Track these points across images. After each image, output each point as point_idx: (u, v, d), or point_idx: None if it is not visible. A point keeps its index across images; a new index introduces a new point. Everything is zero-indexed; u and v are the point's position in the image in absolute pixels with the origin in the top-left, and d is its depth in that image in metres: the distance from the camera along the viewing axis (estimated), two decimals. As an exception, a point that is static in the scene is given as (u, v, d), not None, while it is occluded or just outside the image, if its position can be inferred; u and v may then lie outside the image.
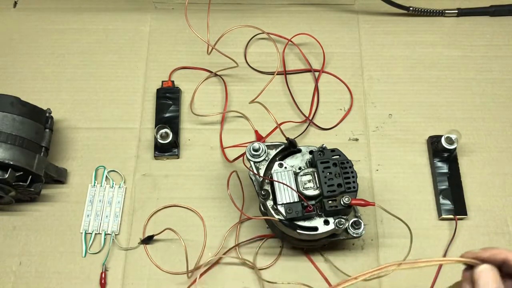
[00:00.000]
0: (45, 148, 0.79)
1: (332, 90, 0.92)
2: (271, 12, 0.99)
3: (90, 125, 0.89)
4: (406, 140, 0.87)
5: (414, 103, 0.91)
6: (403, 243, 0.78)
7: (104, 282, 0.76)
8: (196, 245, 0.78)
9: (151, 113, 0.90)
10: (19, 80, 0.92)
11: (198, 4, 0.93)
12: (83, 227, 0.80)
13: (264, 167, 0.72)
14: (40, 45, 0.96)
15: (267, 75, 0.93)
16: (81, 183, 0.84)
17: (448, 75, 0.93)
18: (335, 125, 0.89)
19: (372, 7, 0.99)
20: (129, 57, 0.95)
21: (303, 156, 0.74)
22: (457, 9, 0.98)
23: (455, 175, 0.83)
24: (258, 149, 0.73)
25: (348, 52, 0.95)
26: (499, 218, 0.81)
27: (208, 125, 0.89)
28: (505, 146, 0.87)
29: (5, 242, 0.80)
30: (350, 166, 0.71)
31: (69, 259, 0.78)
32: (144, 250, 0.79)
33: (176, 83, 0.91)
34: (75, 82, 0.92)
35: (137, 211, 0.82)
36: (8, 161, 0.73)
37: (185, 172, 0.85)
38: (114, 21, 0.98)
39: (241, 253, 0.79)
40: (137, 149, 0.87)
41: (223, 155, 0.86)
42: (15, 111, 0.76)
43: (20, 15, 0.99)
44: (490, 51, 0.95)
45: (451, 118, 0.89)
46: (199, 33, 0.84)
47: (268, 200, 0.70)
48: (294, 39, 0.95)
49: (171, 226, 0.79)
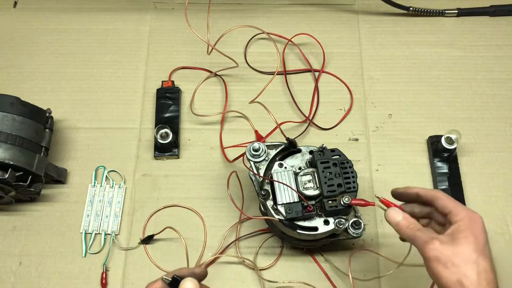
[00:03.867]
0: (45, 148, 0.79)
1: (332, 90, 0.92)
2: (271, 12, 0.99)
3: (90, 125, 0.89)
4: (406, 140, 0.87)
5: (414, 103, 0.91)
6: (403, 243, 0.78)
7: (105, 282, 0.76)
8: (196, 245, 0.78)
9: (151, 113, 0.90)
10: (19, 80, 0.92)
11: (198, 4, 0.93)
12: (83, 227, 0.80)
13: (264, 167, 0.72)
14: (40, 45, 0.96)
15: (267, 75, 0.93)
16: (81, 183, 0.84)
17: (448, 75, 0.93)
18: (335, 125, 0.89)
19: (372, 7, 0.99)
20: (129, 57, 0.95)
21: (303, 156, 0.74)
22: (457, 9, 0.98)
23: (455, 175, 0.83)
24: (258, 149, 0.73)
25: (348, 52, 0.95)
26: (499, 218, 0.81)
27: (208, 125, 0.89)
28: (505, 146, 0.87)
29: (5, 242, 0.80)
30: (350, 166, 0.71)
31: (69, 259, 0.78)
32: (144, 250, 0.79)
33: (176, 83, 0.91)
34: (75, 82, 0.92)
35: (137, 211, 0.82)
36: (8, 161, 0.73)
37: (185, 172, 0.85)
38: (114, 21, 0.98)
39: (241, 253, 0.79)
40: (137, 149, 0.87)
41: (223, 155, 0.86)
42: (15, 111, 0.76)
43: (20, 15, 0.99)
44: (490, 51, 0.95)
45: (451, 118, 0.89)
46: (199, 33, 0.84)
47: (268, 200, 0.70)
48: (294, 39, 0.95)
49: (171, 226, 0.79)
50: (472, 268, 0.54)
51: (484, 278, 0.54)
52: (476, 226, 0.57)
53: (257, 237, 0.80)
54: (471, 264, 0.54)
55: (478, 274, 0.54)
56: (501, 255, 0.78)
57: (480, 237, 0.56)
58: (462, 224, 0.57)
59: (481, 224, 0.57)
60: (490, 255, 0.56)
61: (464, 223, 0.57)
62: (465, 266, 0.54)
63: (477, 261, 0.55)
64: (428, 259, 0.56)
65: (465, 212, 0.58)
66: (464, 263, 0.55)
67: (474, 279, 0.54)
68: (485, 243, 0.56)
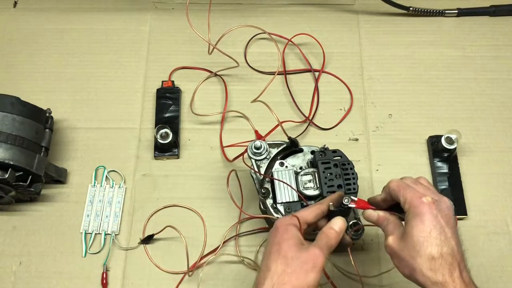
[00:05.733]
0: (45, 148, 0.79)
1: (332, 90, 0.92)
2: (271, 12, 0.99)
3: (90, 125, 0.89)
4: (406, 140, 0.87)
5: (414, 103, 0.91)
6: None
7: (106, 282, 0.76)
8: (196, 245, 0.78)
9: (151, 113, 0.90)
10: (19, 80, 0.92)
11: (198, 4, 0.93)
12: (83, 227, 0.80)
13: (265, 166, 0.73)
14: (40, 45, 0.96)
15: (267, 75, 0.93)
16: (81, 183, 0.84)
17: (448, 75, 0.93)
18: (335, 125, 0.89)
19: (372, 7, 0.99)
20: (129, 57, 0.95)
21: (304, 156, 0.74)
22: (457, 9, 0.98)
23: (455, 175, 0.83)
24: (259, 147, 0.73)
25: (348, 52, 0.95)
26: (499, 218, 0.81)
27: (208, 125, 0.89)
28: (505, 146, 0.87)
29: (5, 242, 0.80)
30: (351, 168, 0.71)
31: (69, 259, 0.78)
32: (144, 250, 0.79)
33: (176, 83, 0.91)
34: (75, 82, 0.92)
35: (137, 211, 0.82)
36: (8, 161, 0.73)
37: (185, 172, 0.85)
38: (114, 21, 0.98)
39: (241, 251, 0.79)
40: (137, 149, 0.87)
41: (223, 155, 0.86)
42: (15, 111, 0.76)
43: (20, 15, 0.99)
44: (490, 51, 0.95)
45: (451, 118, 0.89)
46: (199, 33, 0.84)
47: (268, 198, 0.70)
48: (294, 39, 0.95)
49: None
50: (421, 260, 0.54)
51: (429, 268, 0.53)
52: (422, 214, 0.55)
53: (257, 237, 0.80)
54: (418, 258, 0.54)
55: (427, 264, 0.54)
56: (501, 255, 0.78)
57: (427, 225, 0.55)
58: (409, 214, 0.57)
59: (428, 209, 0.56)
60: (446, 240, 0.54)
61: (410, 213, 0.57)
62: (413, 260, 0.55)
63: (425, 251, 0.54)
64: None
65: (410, 201, 0.57)
66: (410, 257, 0.55)
67: (422, 271, 0.54)
68: (434, 229, 0.55)
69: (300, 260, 0.56)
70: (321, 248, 0.57)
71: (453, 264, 0.54)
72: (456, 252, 0.55)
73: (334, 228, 0.61)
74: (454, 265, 0.54)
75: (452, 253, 0.54)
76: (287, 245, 0.57)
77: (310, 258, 0.56)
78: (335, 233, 0.60)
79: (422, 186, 0.60)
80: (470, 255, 0.61)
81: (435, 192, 0.60)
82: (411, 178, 0.62)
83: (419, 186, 0.60)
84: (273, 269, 0.56)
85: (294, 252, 0.56)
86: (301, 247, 0.57)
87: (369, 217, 0.63)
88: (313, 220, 0.62)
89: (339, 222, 0.61)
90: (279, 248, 0.57)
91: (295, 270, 0.55)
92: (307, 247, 0.57)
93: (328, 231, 0.60)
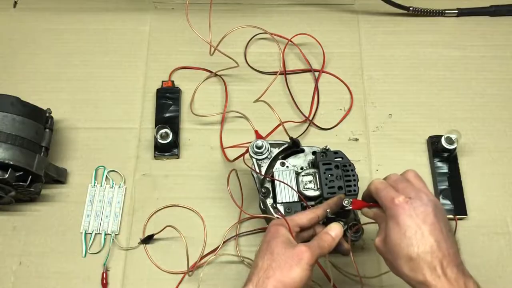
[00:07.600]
0: (45, 148, 0.79)
1: (332, 90, 0.92)
2: (271, 12, 0.99)
3: (90, 125, 0.89)
4: (406, 140, 0.87)
5: (414, 103, 0.91)
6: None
7: (106, 282, 0.76)
8: (196, 245, 0.78)
9: (151, 113, 0.90)
10: (19, 80, 0.92)
11: (198, 4, 0.92)
12: (83, 227, 0.80)
13: (266, 165, 0.73)
14: (40, 45, 0.96)
15: (267, 75, 0.93)
16: (81, 183, 0.84)
17: (448, 75, 0.93)
18: (335, 125, 0.89)
19: (372, 7, 0.99)
20: (129, 57, 0.95)
21: (305, 156, 0.74)
22: (457, 9, 0.98)
23: (455, 175, 0.83)
24: (261, 146, 0.73)
25: (348, 52, 0.95)
26: (499, 218, 0.81)
27: (208, 125, 0.89)
28: (505, 146, 0.87)
29: (5, 242, 0.80)
30: (352, 169, 0.70)
31: (69, 259, 0.78)
32: (144, 250, 0.79)
33: (176, 83, 0.91)
34: (75, 82, 0.92)
35: (137, 211, 0.82)
36: (8, 161, 0.73)
37: (185, 172, 0.85)
38: (114, 21, 0.98)
39: (241, 251, 0.79)
40: (137, 149, 0.87)
41: (223, 155, 0.86)
42: (15, 111, 0.76)
43: (20, 15, 0.99)
44: (490, 51, 0.95)
45: (451, 118, 0.89)
46: (199, 33, 0.84)
47: (268, 198, 0.70)
48: (294, 39, 0.95)
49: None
50: (401, 262, 0.54)
51: (410, 269, 0.54)
52: (397, 215, 0.55)
53: (257, 237, 0.80)
54: (398, 260, 0.55)
55: (407, 265, 0.54)
56: (501, 255, 0.78)
57: (402, 226, 0.55)
58: (387, 216, 0.57)
59: (401, 210, 0.55)
60: (422, 239, 0.54)
61: (387, 215, 0.57)
62: (395, 262, 0.55)
63: (402, 253, 0.54)
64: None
65: (385, 204, 0.58)
66: (393, 259, 0.56)
67: (405, 272, 0.54)
68: (408, 230, 0.54)
69: (286, 255, 0.57)
70: (309, 247, 0.58)
71: (432, 262, 0.53)
72: (435, 249, 0.53)
73: (330, 233, 0.61)
74: (434, 263, 0.53)
75: (431, 250, 0.53)
76: (275, 242, 0.58)
77: (296, 254, 0.57)
78: (330, 238, 0.61)
79: (403, 183, 0.60)
80: (470, 255, 0.61)
81: (417, 188, 0.59)
82: (395, 175, 0.62)
83: (399, 184, 0.59)
84: (260, 265, 0.57)
85: (280, 248, 0.58)
86: (289, 245, 0.58)
87: (366, 215, 0.65)
88: (306, 224, 0.62)
89: (336, 228, 0.62)
90: (267, 246, 0.59)
91: (279, 265, 0.56)
92: (295, 245, 0.58)
93: (323, 235, 0.61)
